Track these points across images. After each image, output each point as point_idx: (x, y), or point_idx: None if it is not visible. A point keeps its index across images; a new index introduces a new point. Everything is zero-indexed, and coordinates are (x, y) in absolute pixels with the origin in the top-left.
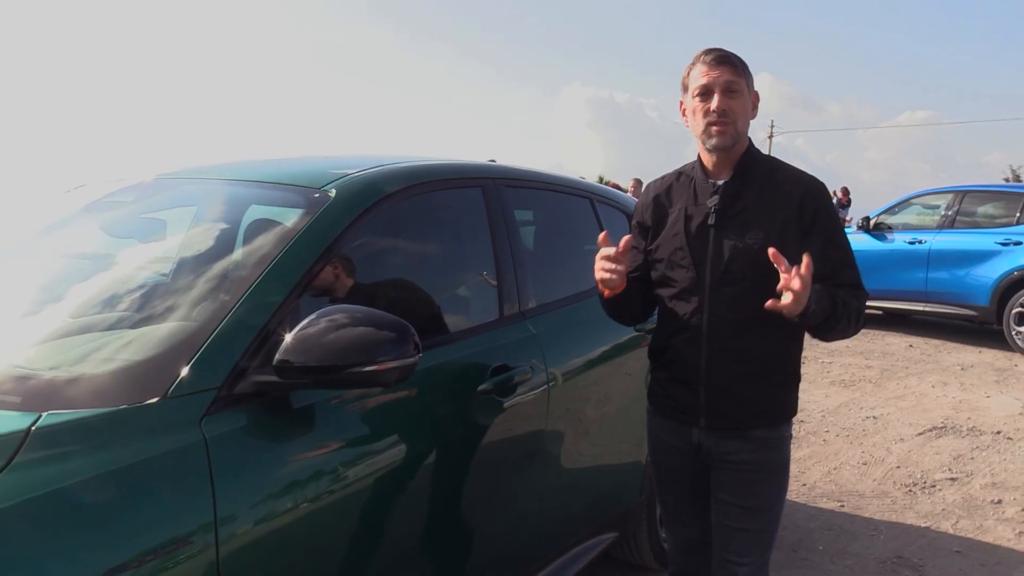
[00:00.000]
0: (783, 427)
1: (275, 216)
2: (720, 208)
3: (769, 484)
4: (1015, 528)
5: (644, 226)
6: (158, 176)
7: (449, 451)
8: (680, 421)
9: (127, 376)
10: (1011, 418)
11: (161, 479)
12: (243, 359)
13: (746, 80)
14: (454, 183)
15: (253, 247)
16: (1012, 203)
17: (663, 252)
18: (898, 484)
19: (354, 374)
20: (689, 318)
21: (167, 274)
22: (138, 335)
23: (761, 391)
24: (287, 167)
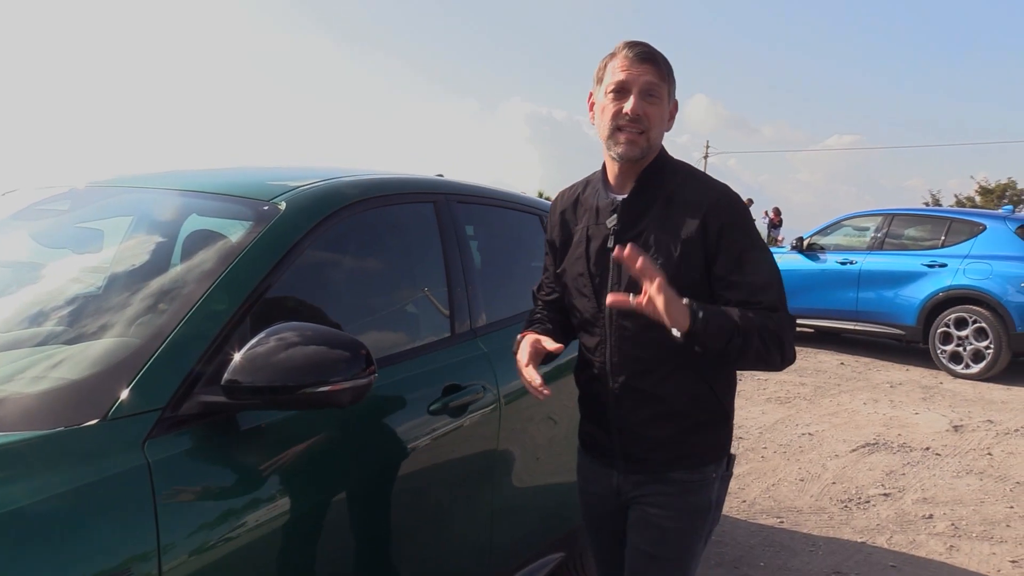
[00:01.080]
0: (708, 468)
1: (220, 228)
2: (619, 229)
3: (682, 533)
4: (946, 542)
5: (553, 245)
6: (90, 184)
7: (400, 471)
8: (601, 463)
9: (63, 396)
10: (939, 435)
11: (100, 507)
12: (189, 378)
13: (668, 86)
14: (406, 198)
15: (198, 260)
16: (937, 226)
17: (567, 277)
18: (834, 500)
19: (307, 395)
20: (593, 353)
21: (104, 287)
22: (73, 352)
23: (677, 434)
24: (231, 178)
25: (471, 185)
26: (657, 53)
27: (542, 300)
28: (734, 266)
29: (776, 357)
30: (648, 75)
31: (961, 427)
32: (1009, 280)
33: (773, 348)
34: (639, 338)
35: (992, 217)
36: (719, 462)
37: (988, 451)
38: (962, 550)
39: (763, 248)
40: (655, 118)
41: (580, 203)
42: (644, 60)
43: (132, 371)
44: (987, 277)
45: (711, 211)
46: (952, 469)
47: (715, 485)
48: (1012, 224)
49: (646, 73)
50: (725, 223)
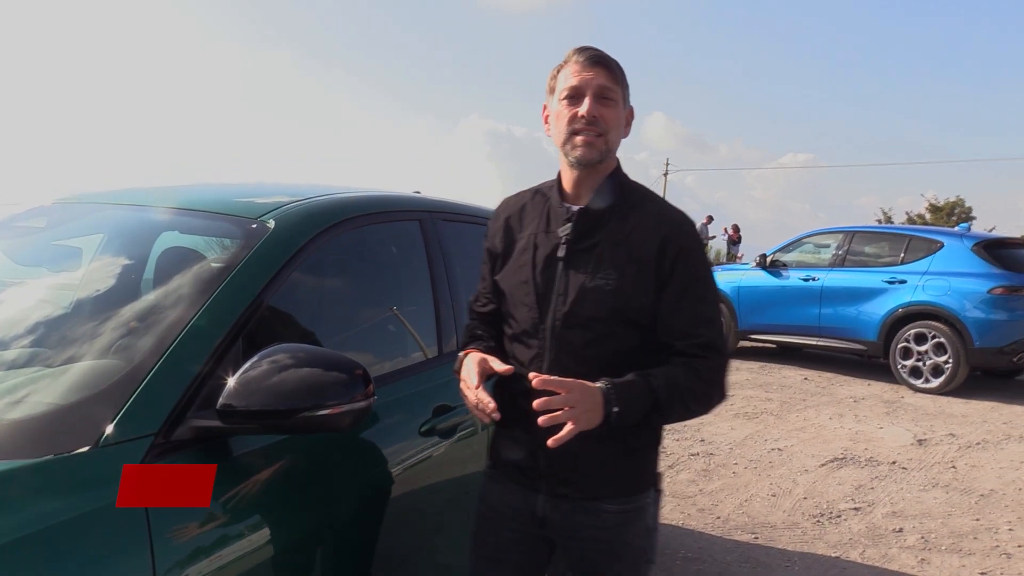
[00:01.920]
0: (644, 494)
1: (208, 247)
2: (572, 239)
3: (624, 564)
4: (917, 555)
5: (494, 253)
6: (67, 200)
7: (392, 493)
8: (522, 486)
9: (50, 423)
10: (904, 448)
11: (94, 539)
12: (181, 403)
13: (622, 89)
14: (392, 216)
15: (186, 280)
16: (897, 244)
17: (507, 284)
18: (806, 515)
19: (306, 419)
20: (527, 365)
21: (84, 307)
22: (56, 375)
23: (613, 456)
24: (215, 195)
25: (455, 203)
26: (608, 56)
27: (478, 312)
28: (683, 294)
29: (701, 410)
30: (601, 78)
31: (925, 441)
32: (966, 296)
33: (698, 407)
34: (582, 353)
35: (949, 235)
36: (653, 487)
37: (952, 464)
38: (933, 563)
39: (713, 282)
40: (612, 120)
41: (527, 210)
42: (596, 63)
43: (123, 396)
44: (945, 293)
45: (671, 236)
46: (919, 483)
47: (651, 510)
48: (968, 242)
49: (599, 76)
50: (683, 250)
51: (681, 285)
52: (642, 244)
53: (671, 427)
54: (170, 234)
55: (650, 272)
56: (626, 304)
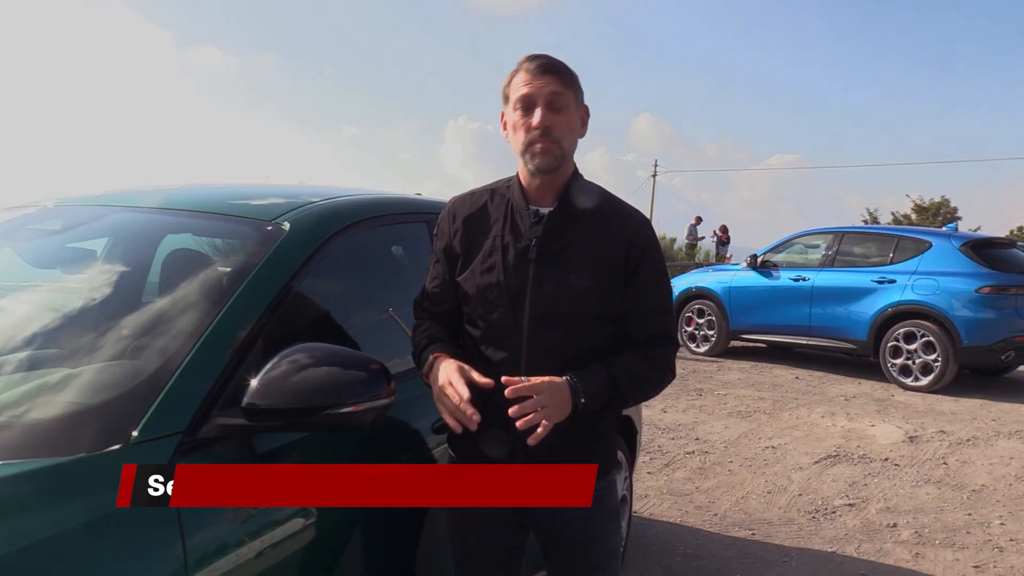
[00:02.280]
0: (612, 472)
1: (223, 249)
2: (542, 241)
3: (604, 536)
4: (911, 550)
5: (452, 252)
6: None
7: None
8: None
9: (83, 421)
10: (895, 446)
11: (128, 535)
12: (206, 401)
13: (574, 93)
14: (402, 217)
15: (205, 281)
16: (886, 244)
17: (473, 286)
18: (802, 511)
19: (329, 416)
20: (503, 365)
21: (101, 308)
22: (83, 376)
23: (585, 443)
24: (225, 198)
25: None
26: (558, 63)
27: (430, 312)
28: (645, 288)
29: (656, 393)
30: (551, 86)
31: (916, 438)
32: (955, 295)
33: (654, 387)
34: (556, 350)
35: (937, 235)
36: (621, 465)
37: (943, 461)
38: (927, 557)
39: (667, 275)
40: (564, 127)
41: (487, 211)
42: (545, 72)
43: (150, 395)
44: (934, 293)
45: (636, 234)
46: (911, 479)
47: (616, 487)
48: (956, 242)
49: (549, 84)
50: (646, 247)
51: (645, 281)
52: (610, 242)
53: (666, 427)
54: (185, 236)
55: (620, 269)
56: (601, 302)
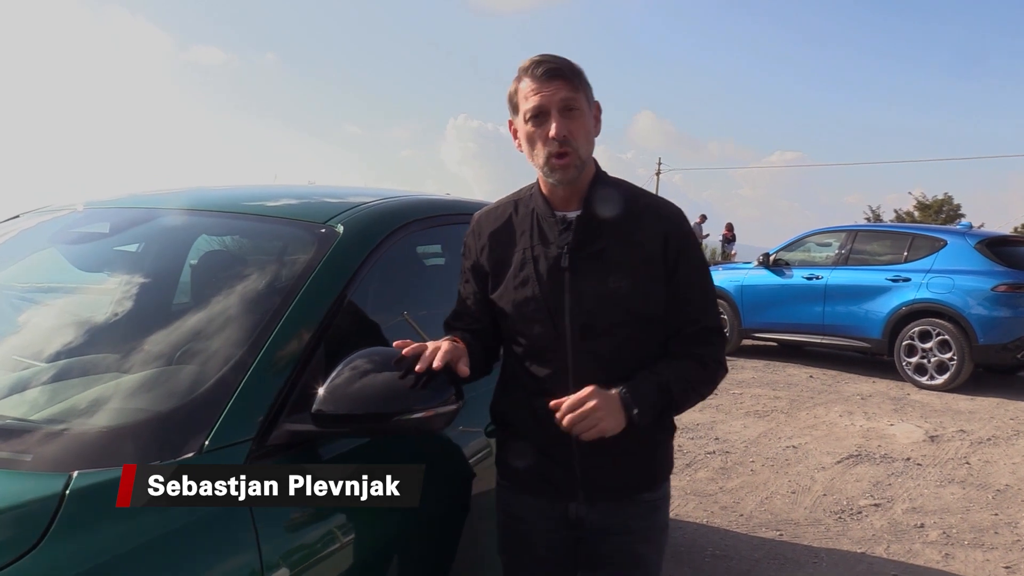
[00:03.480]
0: (665, 483)
1: (279, 252)
2: (575, 247)
3: (654, 550)
4: (941, 550)
5: (481, 271)
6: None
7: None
8: (551, 497)
9: (156, 429)
10: (916, 445)
11: (208, 542)
12: (274, 407)
13: (585, 93)
14: (450, 218)
15: (263, 285)
16: (900, 242)
17: (509, 302)
18: (827, 511)
19: (400, 422)
20: (550, 380)
21: (160, 313)
22: (150, 381)
23: (644, 453)
24: (268, 199)
25: None
26: (563, 64)
27: (460, 329)
28: (689, 284)
29: (710, 391)
30: (561, 91)
31: (937, 437)
32: (970, 294)
33: (707, 390)
34: (604, 361)
35: (952, 233)
36: (670, 476)
37: (966, 460)
38: (957, 558)
39: (707, 266)
40: (580, 133)
41: (513, 224)
42: (552, 77)
43: (219, 401)
44: (949, 291)
45: (672, 227)
46: (935, 479)
47: (668, 501)
48: (971, 240)
49: (559, 89)
50: (683, 241)
51: (686, 275)
52: (644, 240)
53: (684, 426)
54: (238, 239)
55: (660, 266)
56: (643, 303)
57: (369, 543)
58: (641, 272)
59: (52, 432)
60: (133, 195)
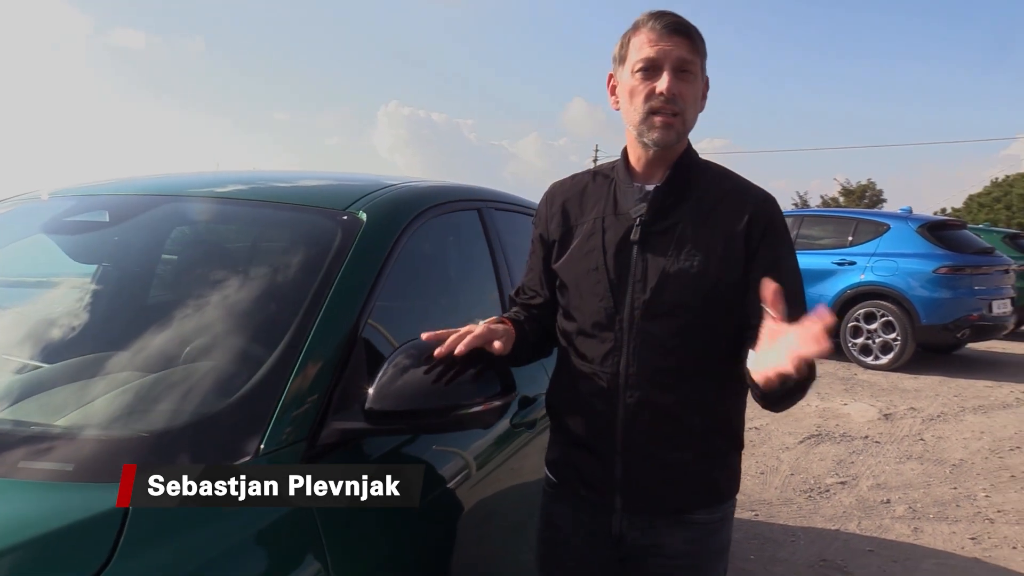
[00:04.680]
0: (727, 503)
1: (302, 240)
2: (648, 220)
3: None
4: (909, 525)
5: (548, 240)
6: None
7: (494, 486)
8: (592, 502)
9: (208, 433)
10: (872, 423)
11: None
12: (323, 405)
13: (701, 60)
14: (459, 205)
15: (293, 277)
16: (845, 227)
17: (570, 274)
18: (797, 491)
19: (457, 416)
20: (601, 362)
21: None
22: (190, 383)
23: (697, 463)
24: (278, 183)
25: (501, 192)
26: (688, 23)
27: (520, 304)
28: (772, 269)
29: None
30: (681, 49)
31: (890, 415)
32: (913, 276)
33: (810, 383)
34: (664, 345)
35: (895, 218)
36: (734, 498)
37: (920, 437)
38: (926, 531)
39: (796, 258)
40: (690, 97)
41: (588, 193)
42: (674, 32)
43: (268, 402)
44: (893, 274)
45: (758, 209)
46: (894, 455)
47: (730, 523)
48: (913, 224)
49: (678, 47)
50: (769, 225)
51: (771, 260)
52: (726, 218)
53: None
54: (255, 227)
55: (740, 248)
56: (715, 286)
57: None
58: (716, 253)
59: (89, 439)
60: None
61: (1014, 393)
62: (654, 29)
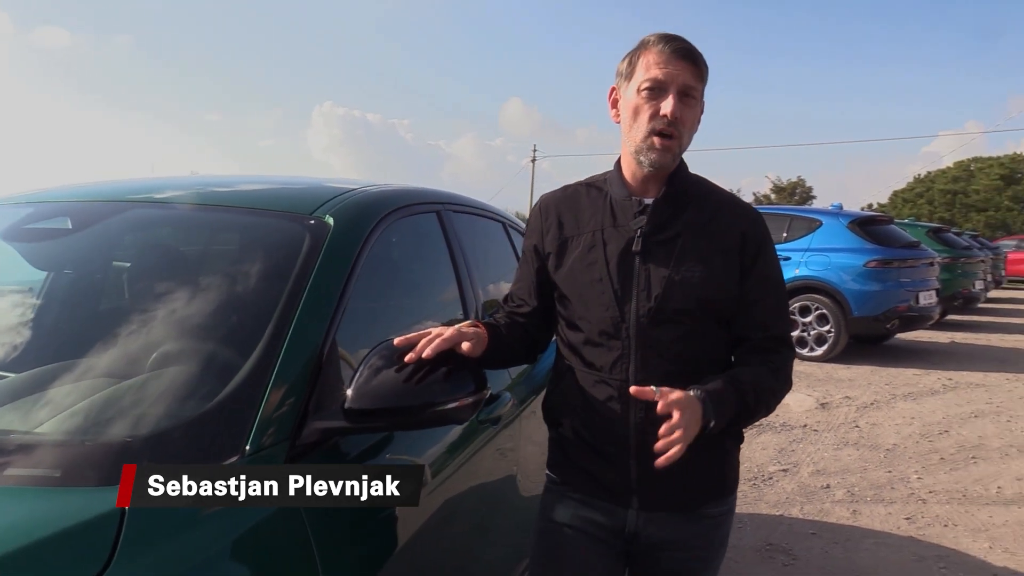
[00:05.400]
0: (732, 496)
1: (271, 245)
2: (648, 231)
3: (710, 568)
4: (848, 508)
5: (542, 251)
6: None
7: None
8: (606, 501)
9: (195, 433)
10: (810, 412)
11: (267, 545)
12: (303, 405)
13: (703, 86)
14: (418, 208)
15: (266, 280)
16: (780, 223)
17: (573, 285)
18: (742, 479)
19: (435, 413)
20: (610, 370)
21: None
22: (171, 386)
23: (708, 459)
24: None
25: (458, 195)
26: (695, 49)
27: (508, 311)
28: (762, 288)
29: (776, 405)
30: (686, 74)
31: (827, 404)
32: (845, 270)
33: (775, 403)
34: (671, 350)
35: (827, 214)
36: (737, 488)
37: (855, 424)
38: (863, 513)
39: (783, 276)
40: (689, 122)
41: (581, 205)
42: (682, 57)
43: (250, 404)
44: (826, 268)
45: (752, 227)
46: (831, 442)
47: (734, 512)
48: (844, 219)
49: (684, 72)
50: (762, 242)
51: (761, 279)
52: (724, 235)
53: None
54: (222, 232)
55: (735, 262)
56: (714, 296)
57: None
58: (715, 262)
59: (74, 445)
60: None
61: (940, 380)
62: (663, 52)
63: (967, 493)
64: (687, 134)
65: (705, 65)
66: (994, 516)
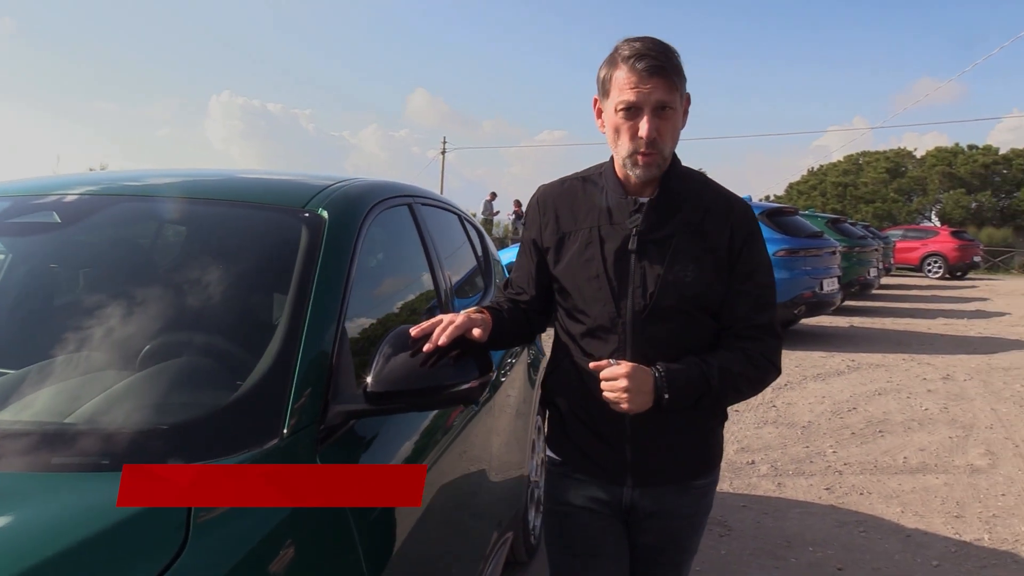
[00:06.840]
0: (716, 469)
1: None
2: (643, 230)
3: (698, 533)
4: (774, 481)
5: (540, 245)
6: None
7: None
8: (603, 480)
9: (235, 419)
10: None
11: (315, 528)
12: (326, 389)
13: (680, 90)
14: (395, 201)
15: (270, 270)
16: None
17: (572, 280)
18: None
19: (450, 394)
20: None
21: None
22: (200, 375)
23: (697, 438)
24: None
25: (423, 189)
26: (665, 60)
27: (508, 296)
28: (748, 279)
29: (754, 392)
30: (658, 91)
31: None
32: None
33: (750, 390)
34: (664, 343)
35: None
36: (720, 463)
37: (772, 404)
38: (787, 486)
39: (770, 266)
40: (670, 132)
41: (578, 200)
42: (653, 74)
43: (281, 389)
44: None
45: (739, 220)
46: (752, 421)
47: (717, 482)
48: (756, 211)
49: (656, 89)
50: (748, 234)
51: (747, 270)
52: (715, 233)
53: None
54: (218, 225)
55: (723, 260)
56: (706, 293)
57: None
58: (706, 261)
59: (118, 433)
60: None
61: (845, 361)
62: (634, 70)
63: (878, 464)
64: (669, 143)
65: (677, 72)
66: (903, 484)
